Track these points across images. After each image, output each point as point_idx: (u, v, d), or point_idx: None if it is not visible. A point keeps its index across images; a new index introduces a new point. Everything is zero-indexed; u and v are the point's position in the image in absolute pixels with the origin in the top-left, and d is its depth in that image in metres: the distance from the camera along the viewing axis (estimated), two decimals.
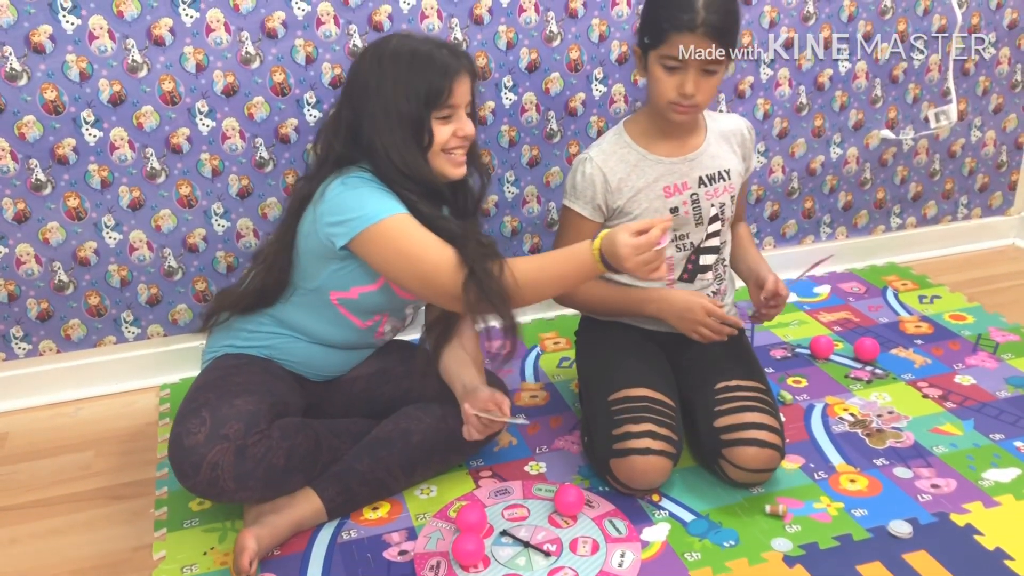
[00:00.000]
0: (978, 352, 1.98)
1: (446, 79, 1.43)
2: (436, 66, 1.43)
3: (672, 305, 1.60)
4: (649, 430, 1.48)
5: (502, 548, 1.43)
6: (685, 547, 1.42)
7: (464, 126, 1.48)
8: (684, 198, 1.60)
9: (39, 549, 1.49)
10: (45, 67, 1.68)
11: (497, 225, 2.11)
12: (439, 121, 1.45)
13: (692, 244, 1.64)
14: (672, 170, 1.60)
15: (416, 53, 1.43)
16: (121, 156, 1.78)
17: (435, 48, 1.45)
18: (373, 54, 1.46)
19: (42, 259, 1.82)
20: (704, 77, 1.49)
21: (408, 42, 1.46)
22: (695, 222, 1.62)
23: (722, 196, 1.63)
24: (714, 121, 1.66)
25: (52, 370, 1.91)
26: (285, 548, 1.44)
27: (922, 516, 1.46)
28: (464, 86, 1.46)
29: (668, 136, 1.60)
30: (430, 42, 1.47)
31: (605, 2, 1.98)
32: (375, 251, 1.39)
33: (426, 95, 1.42)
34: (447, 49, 1.46)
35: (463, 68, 1.45)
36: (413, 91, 1.42)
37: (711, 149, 1.63)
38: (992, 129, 2.46)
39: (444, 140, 1.46)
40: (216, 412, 1.36)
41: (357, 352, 1.63)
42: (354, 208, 1.39)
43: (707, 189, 1.61)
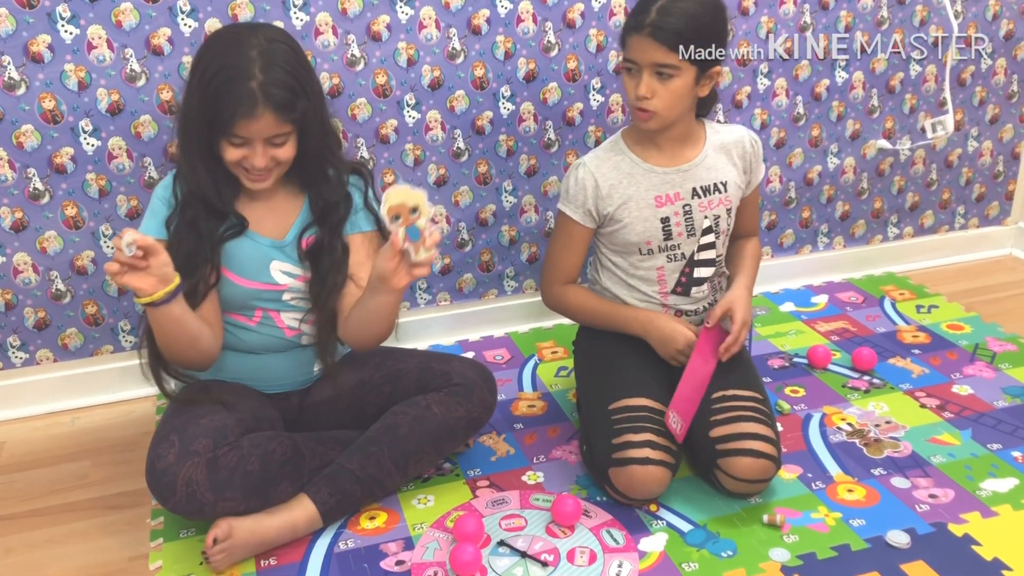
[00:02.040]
0: (975, 362, 1.98)
1: (228, 115, 1.36)
2: (230, 98, 1.35)
3: (658, 330, 1.62)
4: (649, 440, 1.48)
5: (499, 558, 1.42)
6: (683, 557, 1.41)
7: (253, 158, 1.40)
8: (676, 208, 1.61)
9: (35, 559, 1.49)
10: (44, 76, 1.68)
11: (495, 234, 2.12)
12: (230, 144, 1.40)
13: (684, 255, 1.64)
14: (665, 180, 1.61)
15: (219, 73, 1.36)
16: (119, 165, 1.78)
17: (240, 76, 1.35)
18: (200, 50, 1.43)
19: (39, 268, 1.82)
20: (660, 81, 1.51)
21: (225, 55, 1.37)
22: (687, 233, 1.62)
23: (717, 208, 1.63)
24: (715, 133, 1.66)
25: (49, 379, 1.91)
26: (282, 558, 1.43)
27: (920, 526, 1.46)
28: (259, 124, 1.37)
29: (662, 146, 1.61)
30: (246, 62, 1.36)
31: (603, 12, 1.99)
32: None
33: (211, 120, 1.38)
34: (257, 80, 1.35)
35: (259, 106, 1.35)
36: (203, 110, 1.38)
37: (708, 161, 1.63)
38: (989, 139, 2.47)
39: (232, 161, 1.43)
40: (183, 433, 1.40)
41: (289, 355, 1.58)
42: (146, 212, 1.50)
43: (701, 201, 1.62)
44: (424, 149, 1.98)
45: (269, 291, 1.53)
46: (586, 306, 1.69)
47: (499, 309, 2.20)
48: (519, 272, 2.19)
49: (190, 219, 1.46)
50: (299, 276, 1.54)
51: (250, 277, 1.52)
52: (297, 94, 1.39)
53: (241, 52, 1.37)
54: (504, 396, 1.88)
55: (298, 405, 1.62)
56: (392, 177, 1.97)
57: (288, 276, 1.53)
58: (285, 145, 1.43)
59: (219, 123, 1.37)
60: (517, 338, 2.17)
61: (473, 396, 1.56)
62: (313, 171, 1.51)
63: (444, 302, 2.16)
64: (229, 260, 1.51)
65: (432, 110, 1.95)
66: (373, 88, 1.89)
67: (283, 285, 1.53)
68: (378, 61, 1.87)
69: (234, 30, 1.44)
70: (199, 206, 1.46)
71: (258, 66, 1.36)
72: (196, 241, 1.46)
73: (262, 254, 1.52)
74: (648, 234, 1.61)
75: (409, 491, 1.59)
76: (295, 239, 1.54)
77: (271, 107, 1.37)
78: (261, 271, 1.52)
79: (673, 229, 1.62)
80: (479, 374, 1.60)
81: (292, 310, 1.56)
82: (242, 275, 1.51)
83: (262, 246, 1.52)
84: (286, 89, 1.38)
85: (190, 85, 1.41)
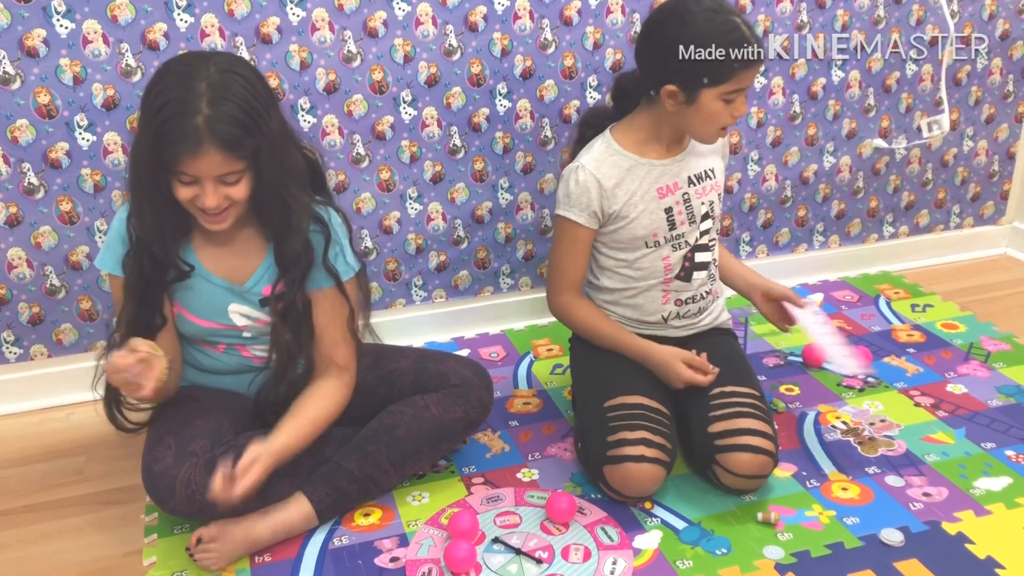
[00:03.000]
0: (970, 361, 1.98)
1: (180, 153, 1.26)
2: (175, 135, 1.25)
3: (654, 365, 1.62)
4: (644, 437, 1.48)
5: (494, 555, 1.43)
6: (677, 555, 1.42)
7: (203, 196, 1.31)
8: (677, 198, 1.62)
9: (29, 555, 1.49)
10: (39, 71, 1.68)
11: (491, 232, 2.11)
12: (179, 183, 1.31)
13: (688, 243, 1.65)
14: (664, 171, 1.62)
15: (163, 109, 1.26)
16: (114, 160, 1.78)
17: (183, 112, 1.25)
18: (150, 84, 1.30)
19: (34, 263, 1.81)
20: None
21: (172, 88, 1.27)
22: (688, 221, 1.63)
23: (710, 194, 1.66)
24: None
25: (43, 375, 1.91)
26: (276, 554, 1.43)
27: (913, 524, 1.47)
28: (205, 162, 1.27)
29: (659, 141, 1.62)
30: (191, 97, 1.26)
31: (600, 10, 1.99)
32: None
33: (157, 159, 1.28)
34: (204, 115, 1.25)
35: (204, 144, 1.25)
36: (152, 148, 1.28)
37: (696, 149, 1.65)
38: (984, 139, 2.47)
39: (185, 200, 1.33)
40: (179, 436, 1.39)
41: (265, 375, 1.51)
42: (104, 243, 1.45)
43: (696, 188, 1.64)
44: (420, 146, 1.98)
45: (228, 331, 1.49)
46: (590, 325, 1.68)
47: (495, 306, 2.20)
48: (515, 269, 2.19)
49: (137, 261, 1.40)
50: (259, 320, 1.48)
51: (206, 318, 1.47)
52: (248, 130, 1.28)
53: (188, 85, 1.26)
54: (499, 393, 1.88)
55: None
56: (389, 173, 1.97)
57: (247, 319, 1.48)
58: (239, 184, 1.33)
59: (164, 161, 1.28)
60: (513, 335, 2.17)
61: (471, 396, 1.56)
62: (271, 214, 1.40)
63: (440, 299, 2.16)
64: (185, 298, 1.45)
65: (428, 107, 1.94)
66: (369, 84, 1.88)
67: (242, 327, 1.48)
68: (374, 57, 1.87)
69: (185, 60, 1.33)
70: (144, 249, 1.39)
71: (205, 100, 1.25)
72: (144, 285, 1.40)
73: (219, 296, 1.46)
74: (655, 226, 1.62)
75: (404, 488, 1.59)
76: (255, 287, 1.46)
77: (215, 144, 1.26)
78: (218, 312, 1.47)
79: (676, 218, 1.63)
80: (476, 374, 1.60)
81: (257, 343, 1.51)
82: (198, 315, 1.46)
83: (219, 288, 1.45)
84: (235, 124, 1.27)
85: (140, 121, 1.31)
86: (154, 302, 1.42)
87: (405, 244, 2.06)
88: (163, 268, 1.41)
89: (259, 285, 1.46)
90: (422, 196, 2.03)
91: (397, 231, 2.03)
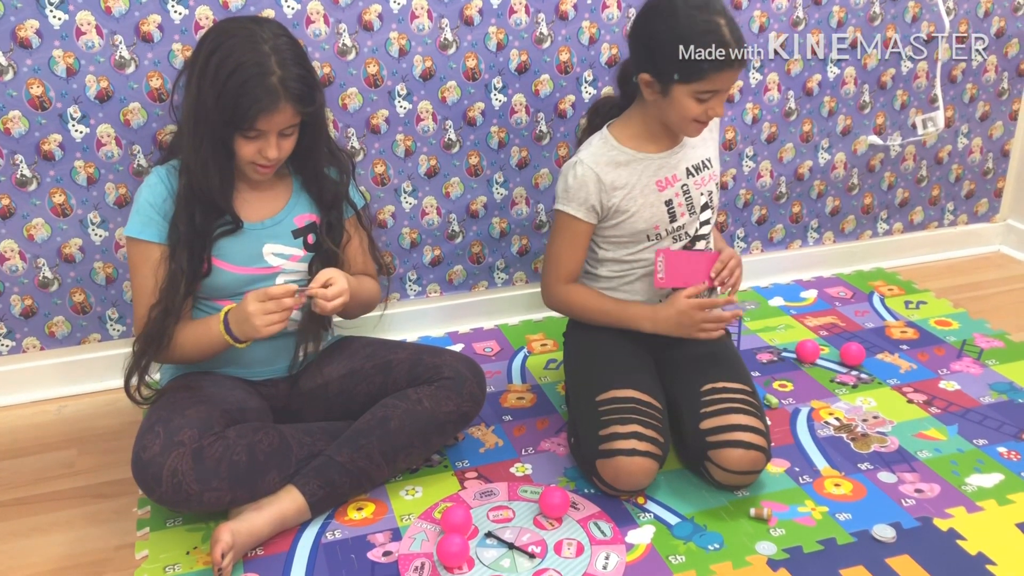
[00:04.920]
0: (963, 358, 1.99)
1: (253, 111, 1.38)
2: (251, 94, 1.38)
3: (666, 319, 1.62)
4: (635, 431, 1.48)
5: (487, 549, 1.43)
6: (670, 550, 1.42)
7: (267, 148, 1.44)
8: (676, 190, 1.63)
9: (21, 548, 1.48)
10: (31, 62, 1.67)
11: (486, 226, 2.11)
12: (244, 139, 1.43)
13: (688, 234, 1.66)
14: (662, 164, 1.62)
15: (239, 70, 1.37)
16: (108, 153, 1.77)
17: (261, 73, 1.38)
18: (210, 45, 1.41)
19: (27, 256, 1.81)
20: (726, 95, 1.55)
21: (242, 51, 1.39)
22: (688, 212, 1.64)
23: (708, 184, 1.66)
24: None
25: (36, 367, 1.90)
26: (268, 548, 1.43)
27: (906, 521, 1.47)
28: (280, 117, 1.41)
29: (656, 135, 1.62)
30: (263, 58, 1.39)
31: (596, 5, 1.98)
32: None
33: (231, 117, 1.39)
34: (277, 75, 1.39)
35: (280, 100, 1.40)
36: (221, 107, 1.39)
37: (692, 140, 1.65)
38: (979, 136, 2.48)
39: (247, 157, 1.46)
40: (168, 424, 1.40)
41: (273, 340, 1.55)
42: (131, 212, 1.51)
43: (694, 179, 1.64)
44: (415, 140, 1.97)
45: (263, 275, 1.54)
46: (590, 304, 1.68)
47: (489, 301, 2.19)
48: (509, 264, 2.18)
49: (187, 215, 1.47)
50: (291, 256, 1.56)
51: (244, 264, 1.53)
52: (311, 86, 1.44)
53: (256, 47, 1.39)
54: (493, 388, 1.88)
55: (286, 392, 1.62)
56: (383, 167, 1.97)
57: (280, 257, 1.56)
58: (292, 135, 1.47)
59: (239, 119, 1.39)
60: (507, 330, 2.17)
61: (463, 390, 1.57)
62: (315, 159, 1.55)
63: (434, 293, 2.15)
64: (221, 250, 1.51)
65: (423, 101, 1.94)
66: (364, 78, 1.88)
67: (276, 267, 1.55)
68: (369, 51, 1.86)
69: (240, 25, 1.44)
70: (198, 203, 1.47)
71: (274, 60, 1.39)
72: (191, 236, 1.47)
73: (254, 240, 1.54)
74: (656, 219, 1.62)
75: (397, 482, 1.59)
76: (286, 219, 1.56)
77: (290, 100, 1.40)
78: (255, 257, 1.54)
79: (676, 210, 1.63)
80: (469, 369, 1.60)
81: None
82: (236, 263, 1.52)
83: (254, 231, 1.54)
84: (303, 82, 1.42)
85: (201, 83, 1.40)
86: (203, 254, 1.49)
87: (399, 238, 2.06)
88: (216, 218, 1.49)
89: (290, 216, 1.57)
90: (416, 190, 2.02)
91: (391, 225, 2.03)
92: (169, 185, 1.50)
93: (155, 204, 1.49)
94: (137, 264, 1.51)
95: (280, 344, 1.59)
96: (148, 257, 1.48)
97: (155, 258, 1.48)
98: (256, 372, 1.60)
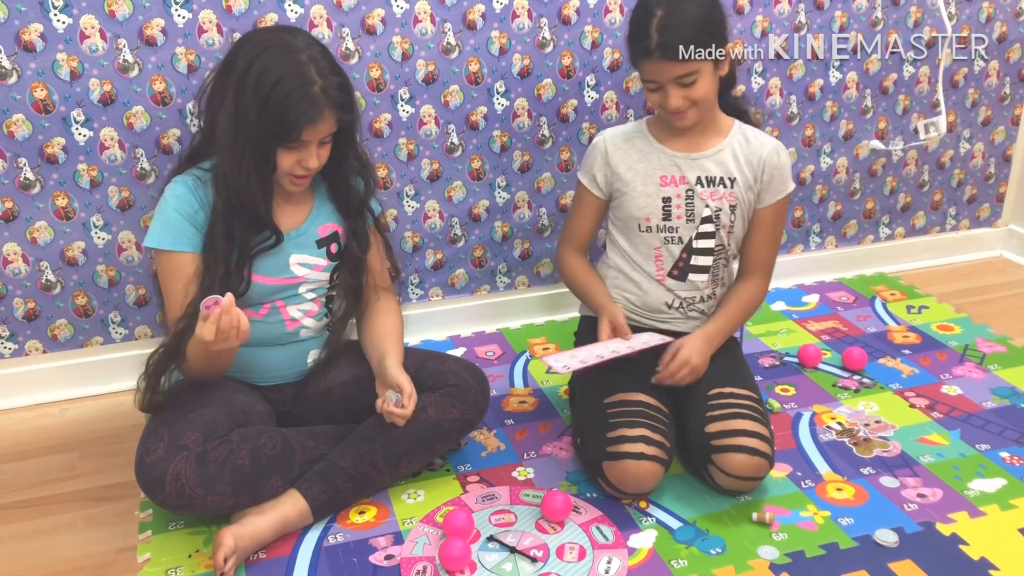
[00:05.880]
0: (965, 363, 1.99)
1: (300, 122, 1.38)
2: (296, 106, 1.37)
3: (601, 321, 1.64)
4: (643, 435, 1.49)
5: (489, 553, 1.43)
6: (672, 554, 1.42)
7: (308, 158, 1.44)
8: (679, 191, 1.63)
9: (23, 550, 1.48)
10: (35, 66, 1.67)
11: (488, 230, 2.11)
12: (286, 150, 1.42)
13: (681, 240, 1.65)
14: (674, 163, 1.64)
15: (281, 82, 1.36)
16: (111, 156, 1.78)
17: (304, 83, 1.37)
18: (246, 57, 1.39)
19: (29, 258, 1.81)
20: (686, 88, 1.53)
21: (281, 62, 1.38)
22: (686, 218, 1.64)
23: (720, 201, 1.64)
24: (744, 135, 1.65)
25: (38, 370, 1.90)
26: (270, 551, 1.43)
27: (908, 525, 1.47)
28: (322, 127, 1.42)
29: (681, 135, 1.64)
30: (304, 68, 1.38)
31: (598, 9, 1.99)
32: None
33: (276, 129, 1.38)
34: (319, 84, 1.38)
35: (325, 110, 1.40)
36: (264, 120, 1.38)
37: (722, 156, 1.63)
38: (981, 141, 2.48)
39: (286, 168, 1.45)
40: (173, 428, 1.39)
41: (286, 348, 1.59)
42: (153, 221, 1.48)
43: (704, 189, 1.63)
44: (418, 144, 1.97)
45: (288, 284, 1.54)
46: (572, 276, 1.75)
47: (491, 305, 2.20)
48: (511, 268, 2.19)
49: (226, 230, 1.45)
50: (315, 266, 1.57)
51: (272, 275, 1.53)
52: (350, 93, 1.45)
53: (295, 59, 1.38)
54: (495, 392, 1.88)
55: (292, 396, 1.62)
56: (386, 171, 1.97)
57: (305, 267, 1.56)
58: (328, 144, 1.47)
59: (285, 131, 1.38)
60: (509, 334, 2.17)
61: (467, 398, 1.57)
62: (348, 167, 1.56)
63: (436, 297, 2.15)
64: (254, 263, 1.51)
65: (426, 105, 1.94)
66: (367, 82, 1.88)
67: (301, 277, 1.56)
68: (372, 55, 1.86)
69: (273, 36, 1.43)
70: (239, 216, 1.45)
71: (314, 70, 1.39)
72: (230, 251, 1.45)
73: (282, 250, 1.53)
74: (648, 210, 1.63)
75: (399, 486, 1.59)
76: (311, 229, 1.56)
77: (333, 108, 1.41)
78: (282, 268, 1.54)
79: (673, 211, 1.63)
80: (473, 376, 1.60)
81: (301, 301, 1.57)
82: (266, 274, 1.52)
83: (283, 242, 1.52)
84: (343, 90, 1.42)
85: (240, 96, 1.38)
86: (240, 269, 1.47)
87: (402, 242, 2.06)
88: (254, 235, 1.48)
89: (314, 226, 1.57)
90: (419, 194, 2.03)
91: (394, 229, 2.03)
92: (199, 196, 1.47)
93: (186, 214, 1.46)
94: (169, 275, 1.47)
95: (292, 352, 1.59)
96: (180, 267, 1.45)
97: (188, 270, 1.45)
98: (265, 379, 1.60)
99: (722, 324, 1.66)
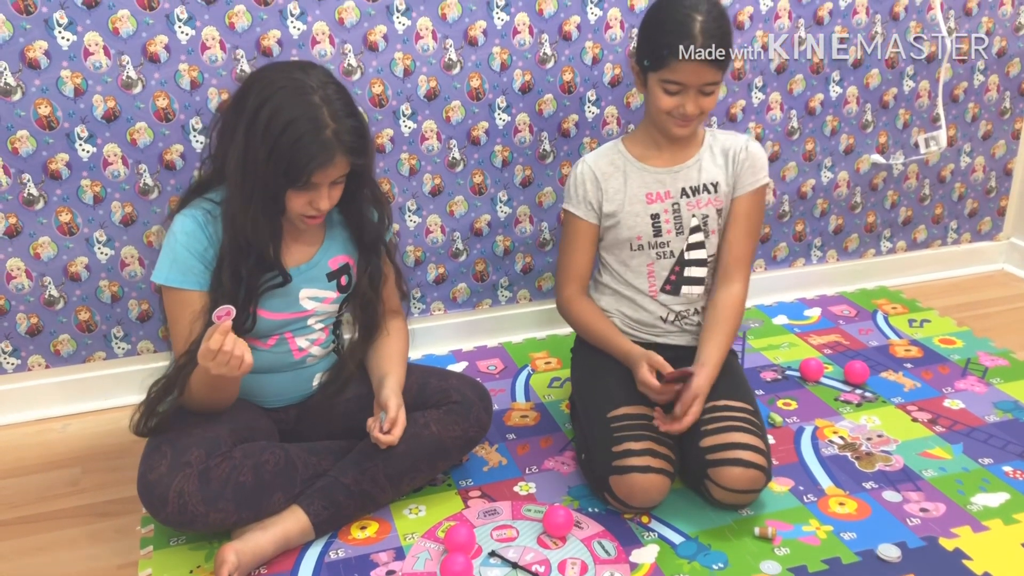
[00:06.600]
0: (967, 376, 1.99)
1: (311, 166, 1.35)
2: (306, 151, 1.34)
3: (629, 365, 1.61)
4: (649, 448, 1.49)
5: (490, 569, 1.42)
6: (674, 569, 1.41)
7: (319, 200, 1.41)
8: (665, 206, 1.65)
9: (24, 566, 1.48)
10: (40, 82, 1.68)
11: (490, 245, 2.12)
12: (295, 192, 1.40)
13: (673, 253, 1.66)
14: (658, 179, 1.65)
15: (292, 126, 1.33)
16: (114, 172, 1.78)
17: (315, 128, 1.34)
18: (258, 96, 1.36)
19: (33, 274, 1.82)
20: (704, 97, 1.55)
21: (292, 104, 1.34)
22: (676, 231, 1.65)
23: (705, 208, 1.66)
24: (714, 138, 1.69)
25: (41, 385, 1.90)
26: (272, 567, 1.43)
27: (911, 540, 1.47)
28: (332, 171, 1.39)
29: (661, 149, 1.66)
30: (316, 112, 1.34)
31: (598, 25, 2.00)
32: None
33: (285, 172, 1.35)
34: (331, 128, 1.35)
35: (336, 155, 1.37)
36: (274, 163, 1.35)
37: (702, 163, 1.66)
38: (981, 155, 2.48)
39: (296, 209, 1.43)
40: (176, 444, 1.39)
41: (293, 373, 1.59)
42: (161, 256, 1.46)
43: (689, 200, 1.65)
44: (420, 159, 1.98)
45: (296, 319, 1.54)
46: (585, 322, 1.71)
47: (493, 319, 2.20)
48: (513, 282, 2.19)
49: (233, 270, 1.43)
50: (325, 299, 1.56)
51: (280, 310, 1.52)
52: (364, 136, 1.41)
53: (307, 100, 1.35)
54: (497, 406, 1.88)
55: (295, 416, 1.62)
56: (388, 186, 1.98)
57: (315, 301, 1.55)
58: (341, 184, 1.45)
59: (294, 175, 1.35)
60: (511, 348, 2.17)
61: (470, 415, 1.57)
62: (364, 203, 1.54)
63: (438, 311, 2.16)
64: (263, 298, 1.49)
65: (428, 120, 1.95)
66: (369, 98, 1.89)
67: (310, 311, 1.55)
68: (375, 71, 1.87)
69: (285, 74, 1.38)
70: (246, 256, 1.43)
71: (326, 113, 1.35)
72: (237, 289, 1.44)
73: (291, 286, 1.51)
74: (639, 229, 1.65)
75: (401, 501, 1.59)
76: (321, 262, 1.55)
77: (344, 153, 1.37)
78: (291, 303, 1.53)
79: (663, 226, 1.65)
80: (476, 393, 1.61)
81: (309, 332, 1.57)
82: (275, 310, 1.51)
83: (290, 281, 1.50)
84: (356, 134, 1.39)
85: (250, 138, 1.35)
86: (248, 307, 1.45)
87: (404, 256, 2.06)
88: (261, 274, 1.46)
89: (324, 259, 1.55)
90: (421, 209, 2.03)
91: (396, 243, 2.04)
92: (208, 232, 1.44)
93: (195, 251, 1.43)
94: (176, 311, 1.45)
95: (298, 377, 1.60)
96: (188, 304, 1.43)
97: (196, 306, 1.43)
98: (270, 402, 1.60)
99: (720, 353, 1.60)
